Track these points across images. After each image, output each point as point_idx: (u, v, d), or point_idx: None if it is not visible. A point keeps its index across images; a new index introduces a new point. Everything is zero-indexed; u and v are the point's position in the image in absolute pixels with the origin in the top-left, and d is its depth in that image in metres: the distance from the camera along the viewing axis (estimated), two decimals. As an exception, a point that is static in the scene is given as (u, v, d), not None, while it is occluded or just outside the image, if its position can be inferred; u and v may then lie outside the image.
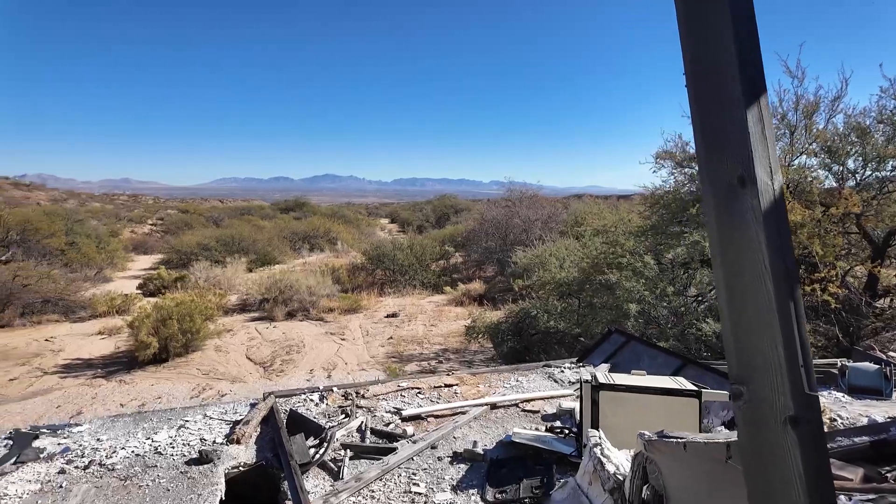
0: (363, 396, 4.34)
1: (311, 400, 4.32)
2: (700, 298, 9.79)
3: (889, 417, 4.19)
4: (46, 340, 14.36)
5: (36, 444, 3.83)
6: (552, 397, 4.49)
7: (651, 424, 3.43)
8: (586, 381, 3.41)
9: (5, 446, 3.81)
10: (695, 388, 3.38)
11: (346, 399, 4.31)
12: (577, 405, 4.16)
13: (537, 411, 4.25)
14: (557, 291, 12.10)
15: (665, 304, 8.42)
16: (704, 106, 1.17)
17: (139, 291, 20.75)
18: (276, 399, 4.28)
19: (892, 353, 7.45)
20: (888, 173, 10.69)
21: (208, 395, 10.69)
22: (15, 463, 3.58)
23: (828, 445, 3.59)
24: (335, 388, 4.50)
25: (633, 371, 3.64)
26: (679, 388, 3.36)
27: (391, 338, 14.77)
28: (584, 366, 5.24)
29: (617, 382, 3.39)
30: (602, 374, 3.58)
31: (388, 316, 17.37)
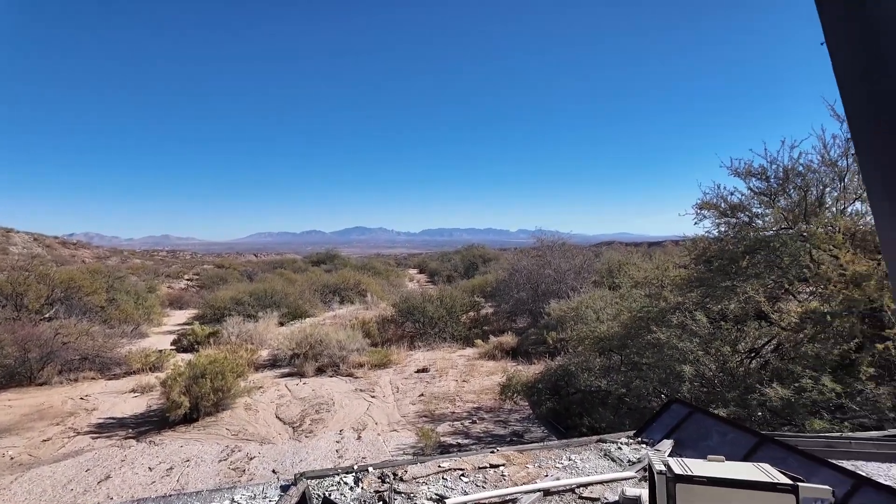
0: (401, 479, 3.97)
1: (346, 483, 3.96)
2: (753, 354, 9.11)
3: None
4: (81, 399, 14.39)
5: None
6: (612, 481, 4.01)
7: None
8: (660, 473, 2.98)
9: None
10: (789, 480, 2.91)
11: (384, 482, 3.93)
12: (642, 492, 3.68)
13: (597, 498, 3.78)
14: (597, 347, 11.52)
15: (719, 364, 7.81)
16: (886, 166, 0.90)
17: (173, 347, 20.89)
18: (308, 482, 3.94)
19: None
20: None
21: (237, 458, 10.34)
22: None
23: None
24: (370, 469, 4.13)
25: (709, 456, 3.19)
26: (771, 480, 2.89)
27: (422, 395, 14.25)
28: (643, 441, 4.74)
29: (695, 473, 2.94)
30: (675, 461, 3.14)
31: (418, 371, 16.89)
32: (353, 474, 4.08)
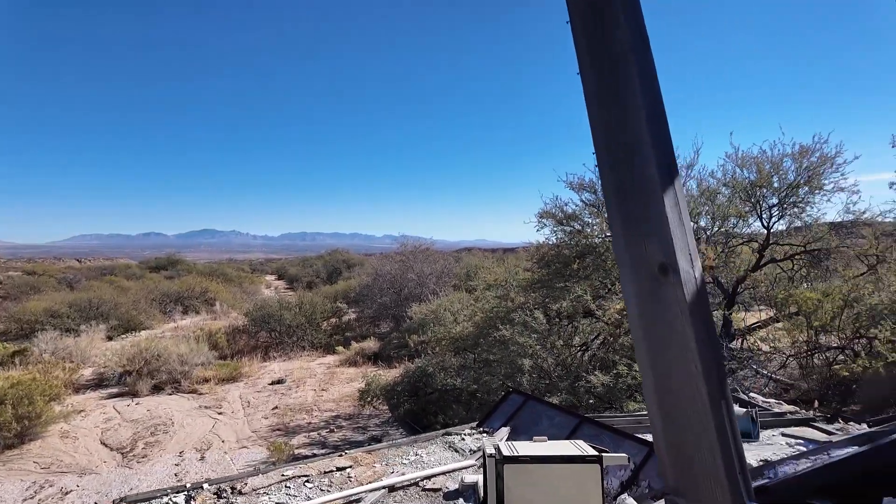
0: (240, 493, 3.74)
1: (174, 503, 3.62)
2: (585, 348, 10.26)
3: (761, 461, 4.50)
4: None
5: None
6: (454, 471, 4.22)
7: (556, 493, 3.32)
8: (490, 455, 3.22)
9: None
10: (595, 452, 3.34)
11: (220, 498, 3.67)
12: (480, 478, 3.93)
13: (439, 489, 3.95)
14: (453, 347, 12.02)
15: (554, 357, 8.66)
16: (622, 191, 1.09)
17: (-41, 371, 17.15)
18: (129, 507, 3.53)
19: (753, 395, 8.28)
20: (730, 228, 12.32)
21: (47, 494, 8.86)
22: None
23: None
24: (205, 486, 3.83)
25: (534, 437, 3.52)
26: (581, 454, 3.29)
27: (276, 407, 13.56)
28: (485, 431, 5.06)
29: (520, 454, 3.24)
30: (505, 444, 3.42)
31: (273, 383, 16.03)
32: (185, 493, 3.75)
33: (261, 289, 45.28)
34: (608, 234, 11.21)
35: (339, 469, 4.18)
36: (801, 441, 5.21)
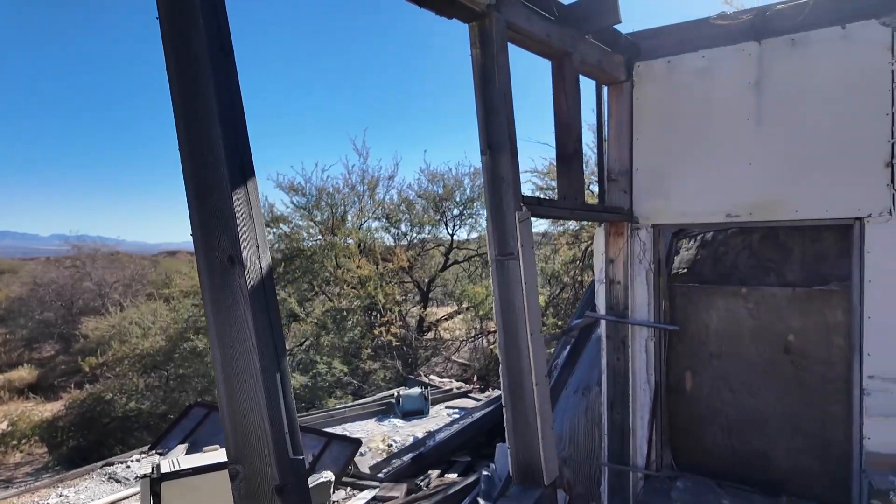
0: None
1: None
2: (292, 354, 10.27)
3: (426, 432, 5.31)
4: None
5: None
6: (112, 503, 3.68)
7: (221, 499, 3.22)
8: (144, 476, 2.92)
9: None
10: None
11: None
12: (143, 505, 3.53)
13: (88, 529, 3.38)
14: (140, 365, 10.43)
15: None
16: (200, 187, 1.18)
17: None
18: None
19: (433, 377, 9.65)
20: (426, 235, 14.13)
21: None
22: None
23: (385, 470, 4.15)
24: None
25: (204, 448, 3.36)
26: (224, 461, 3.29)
27: None
28: (158, 452, 4.56)
29: (182, 468, 3.04)
30: (168, 461, 3.16)
31: None
32: None
33: None
34: (319, 236, 11.51)
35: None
36: (458, 410, 6.34)
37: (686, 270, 3.40)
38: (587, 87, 3.10)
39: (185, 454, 4.39)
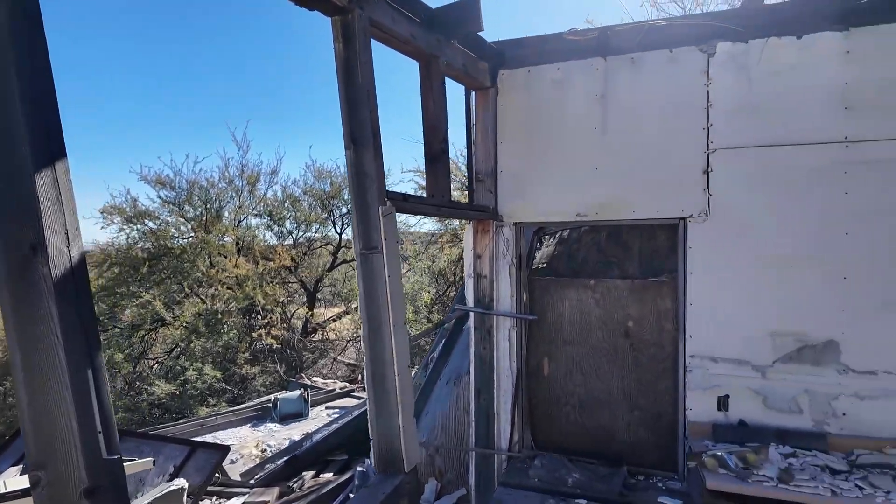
0: None
1: None
2: (160, 362, 9.43)
3: (304, 434, 5.18)
4: None
5: None
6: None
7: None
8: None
9: None
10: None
11: None
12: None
13: None
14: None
15: (117, 372, 7.62)
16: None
17: None
18: None
19: (316, 379, 9.41)
20: (313, 234, 13.73)
21: None
22: None
23: (258, 475, 3.98)
24: None
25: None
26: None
27: None
28: (-19, 479, 3.96)
29: (10, 490, 2.68)
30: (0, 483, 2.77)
31: None
32: None
33: None
34: (191, 234, 10.67)
35: None
36: (339, 410, 6.27)
37: (545, 265, 3.70)
38: (458, 90, 3.25)
39: (20, 475, 3.88)
